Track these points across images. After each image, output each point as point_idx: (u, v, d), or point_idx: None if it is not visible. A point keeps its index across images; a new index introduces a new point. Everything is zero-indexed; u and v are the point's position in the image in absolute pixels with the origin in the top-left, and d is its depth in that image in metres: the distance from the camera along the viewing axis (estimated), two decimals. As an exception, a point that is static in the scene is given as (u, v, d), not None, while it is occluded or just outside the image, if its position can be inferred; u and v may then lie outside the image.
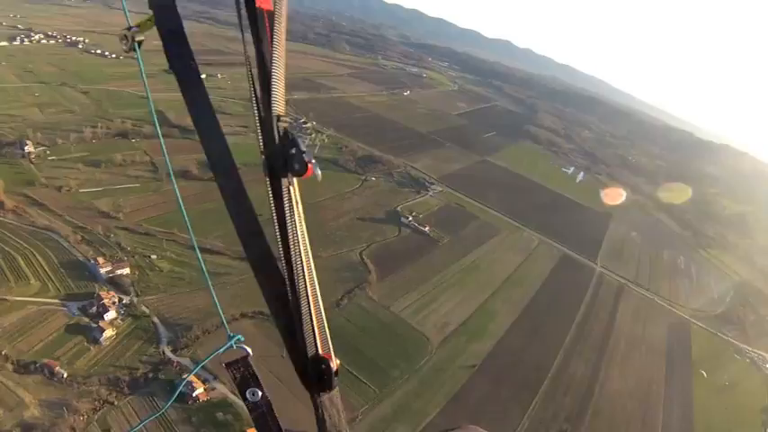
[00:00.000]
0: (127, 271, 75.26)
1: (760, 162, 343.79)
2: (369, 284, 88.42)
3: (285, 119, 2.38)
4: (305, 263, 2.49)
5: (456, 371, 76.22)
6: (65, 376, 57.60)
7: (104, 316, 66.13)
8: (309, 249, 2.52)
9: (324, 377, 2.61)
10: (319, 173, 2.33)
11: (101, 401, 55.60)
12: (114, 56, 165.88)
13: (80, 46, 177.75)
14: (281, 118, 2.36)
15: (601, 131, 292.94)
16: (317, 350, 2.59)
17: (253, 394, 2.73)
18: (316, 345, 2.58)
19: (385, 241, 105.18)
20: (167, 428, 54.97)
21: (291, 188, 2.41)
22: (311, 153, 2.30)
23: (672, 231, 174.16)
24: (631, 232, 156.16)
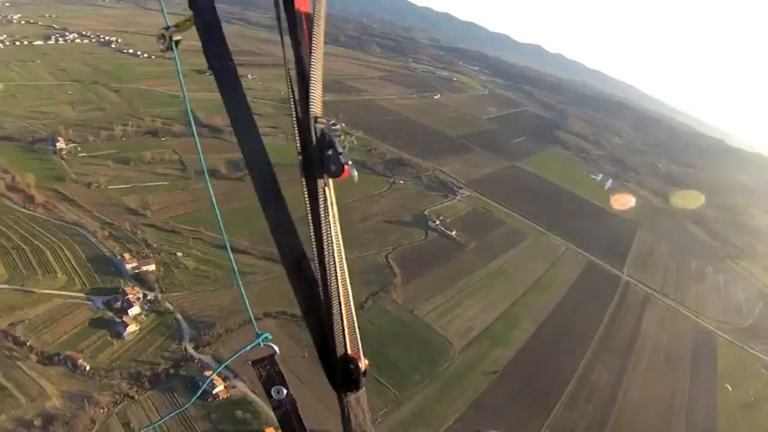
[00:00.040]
0: (152, 267, 76.22)
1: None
2: (394, 287, 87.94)
3: (322, 120, 2.39)
4: (338, 263, 2.50)
5: (478, 376, 75.23)
6: (87, 369, 58.48)
7: (128, 311, 67.06)
8: (343, 250, 2.54)
9: (352, 377, 2.61)
10: (356, 174, 2.35)
11: (121, 395, 56.28)
12: (146, 55, 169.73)
13: (113, 45, 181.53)
14: (319, 119, 2.37)
15: (630, 138, 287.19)
16: (347, 350, 2.59)
17: (278, 392, 2.77)
18: (345, 345, 2.58)
19: (411, 245, 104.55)
20: (187, 424, 55.26)
21: (327, 189, 2.42)
22: (348, 155, 2.33)
23: (700, 241, 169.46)
24: (659, 241, 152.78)
